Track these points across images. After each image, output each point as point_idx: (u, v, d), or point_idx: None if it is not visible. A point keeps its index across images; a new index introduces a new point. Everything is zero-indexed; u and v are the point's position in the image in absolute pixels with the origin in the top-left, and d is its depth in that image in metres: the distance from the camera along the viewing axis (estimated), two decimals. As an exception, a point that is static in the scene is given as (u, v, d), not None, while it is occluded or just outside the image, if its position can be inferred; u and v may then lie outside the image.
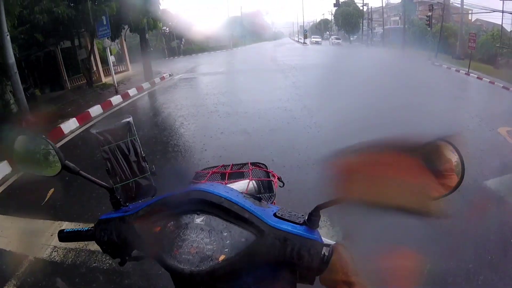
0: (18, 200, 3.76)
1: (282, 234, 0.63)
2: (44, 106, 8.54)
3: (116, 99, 8.90)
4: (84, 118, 7.06)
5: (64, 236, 0.83)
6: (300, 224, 0.65)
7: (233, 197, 0.67)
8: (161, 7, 13.12)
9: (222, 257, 0.62)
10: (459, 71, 16.66)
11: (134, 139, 0.82)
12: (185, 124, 6.32)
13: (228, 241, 0.63)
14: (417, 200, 0.51)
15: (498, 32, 20.61)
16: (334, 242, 0.63)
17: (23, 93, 6.43)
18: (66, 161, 0.76)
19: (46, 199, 3.60)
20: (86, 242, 2.70)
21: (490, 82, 14.44)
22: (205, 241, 0.64)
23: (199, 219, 0.66)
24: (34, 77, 10.75)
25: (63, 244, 2.73)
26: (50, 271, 2.52)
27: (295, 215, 0.68)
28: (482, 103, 9.32)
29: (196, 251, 0.63)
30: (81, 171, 0.77)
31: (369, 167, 0.53)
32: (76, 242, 2.69)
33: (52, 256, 2.68)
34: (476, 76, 15.28)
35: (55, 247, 2.77)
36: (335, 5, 40.32)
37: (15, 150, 0.83)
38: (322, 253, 0.61)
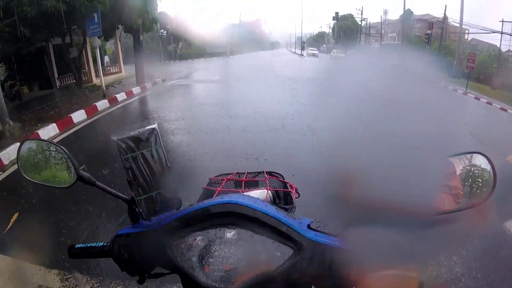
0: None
1: (320, 247, 0.62)
2: (26, 107, 7.99)
3: (102, 104, 8.36)
4: (65, 123, 6.51)
5: (75, 252, 0.76)
6: (336, 236, 0.64)
7: (268, 210, 0.64)
8: (159, 9, 12.75)
9: (258, 273, 0.58)
10: (456, 90, 16.55)
11: (159, 147, 0.75)
12: (173, 141, 5.67)
13: (264, 256, 0.60)
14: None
15: (495, 53, 20.73)
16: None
17: (1, 93, 5.83)
18: (81, 171, 0.72)
19: (9, 226, 3.06)
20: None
21: (487, 102, 14.39)
22: (239, 256, 0.60)
23: (230, 234, 0.62)
24: (23, 73, 10.17)
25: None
26: None
27: (329, 227, 0.67)
28: (485, 126, 9.05)
29: (230, 268, 0.59)
30: (97, 182, 0.73)
31: None
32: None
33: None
34: (474, 96, 15.18)
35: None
36: (334, 18, 40.66)
37: (21, 157, 0.77)
38: None
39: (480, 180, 0.57)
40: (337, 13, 40.09)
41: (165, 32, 29.74)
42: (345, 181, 0.56)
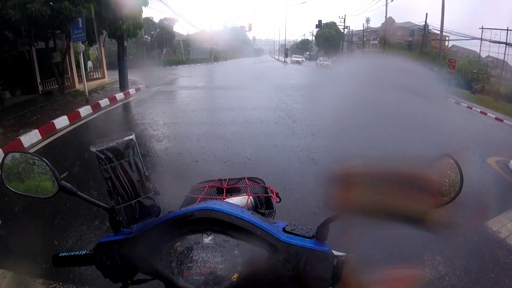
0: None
1: (294, 249, 0.63)
2: (8, 112, 7.76)
3: (85, 110, 8.20)
4: (47, 130, 6.34)
5: (59, 261, 0.78)
6: (310, 238, 0.66)
7: (243, 215, 0.66)
8: (143, 15, 12.67)
9: (235, 276, 0.60)
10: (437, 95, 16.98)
11: (137, 157, 0.77)
12: (156, 148, 5.56)
13: (240, 259, 0.62)
14: (418, 208, 0.52)
15: (475, 58, 21.44)
16: (345, 254, 0.63)
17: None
18: (62, 181, 0.73)
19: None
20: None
21: (468, 107, 14.88)
22: (217, 260, 0.62)
23: (208, 239, 0.64)
24: (6, 78, 9.95)
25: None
26: None
27: (304, 229, 0.68)
28: (465, 130, 9.34)
29: (209, 272, 0.61)
30: (78, 192, 0.74)
31: (373, 176, 0.53)
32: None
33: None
34: (454, 101, 15.63)
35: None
36: (317, 26, 41.25)
37: (4, 168, 0.78)
38: (335, 264, 0.61)
39: (447, 181, 0.61)
40: (320, 21, 40.75)
41: (149, 38, 29.58)
42: (339, 180, 0.58)
